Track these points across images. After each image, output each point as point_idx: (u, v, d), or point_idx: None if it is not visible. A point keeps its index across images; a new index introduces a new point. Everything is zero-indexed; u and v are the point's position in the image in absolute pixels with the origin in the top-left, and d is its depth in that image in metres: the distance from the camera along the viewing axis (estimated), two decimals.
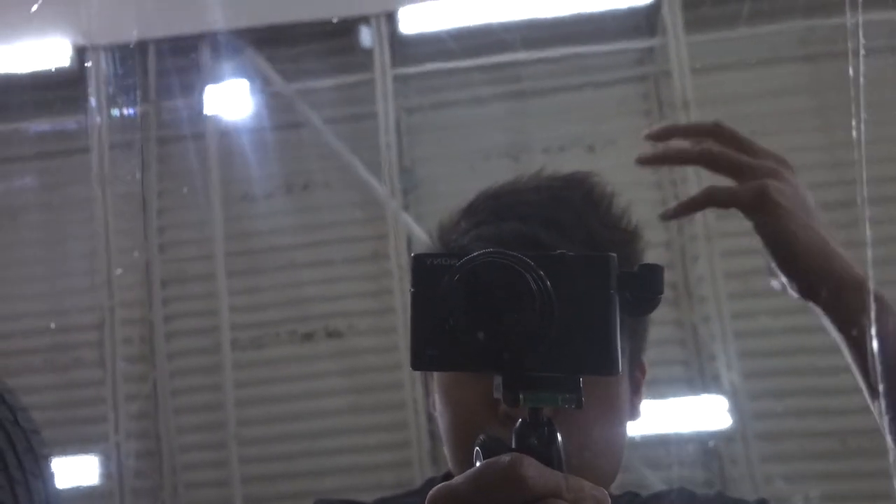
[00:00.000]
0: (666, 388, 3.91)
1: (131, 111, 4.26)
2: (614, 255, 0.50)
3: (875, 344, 0.60)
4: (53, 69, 4.19)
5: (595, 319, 0.49)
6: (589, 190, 0.77)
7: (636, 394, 0.77)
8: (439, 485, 0.49)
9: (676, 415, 3.99)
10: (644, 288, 0.51)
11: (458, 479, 0.48)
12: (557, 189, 0.77)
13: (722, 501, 0.78)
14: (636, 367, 0.76)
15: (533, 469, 0.46)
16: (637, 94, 4.03)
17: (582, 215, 0.75)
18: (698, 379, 4.05)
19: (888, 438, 0.62)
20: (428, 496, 0.48)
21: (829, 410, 3.79)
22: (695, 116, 3.65)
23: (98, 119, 4.24)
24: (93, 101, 4.25)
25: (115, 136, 4.25)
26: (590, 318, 0.49)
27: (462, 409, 0.72)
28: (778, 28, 3.82)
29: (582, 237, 0.73)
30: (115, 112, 4.25)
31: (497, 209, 0.77)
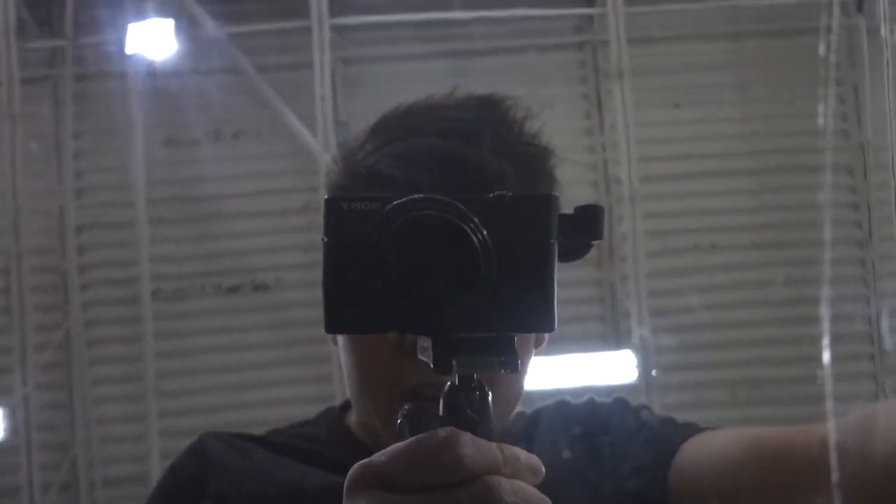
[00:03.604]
0: (581, 343, 4.09)
1: (45, 44, 3.98)
2: (556, 195, 0.46)
3: None
4: None
5: (533, 272, 0.44)
6: (505, 109, 0.74)
7: None
8: (359, 463, 0.43)
9: (589, 369, 4.21)
10: (581, 234, 0.46)
11: (381, 456, 0.42)
12: (474, 107, 0.74)
13: (591, 405, 0.82)
14: None
15: (469, 446, 0.41)
16: (575, 61, 4.14)
17: (499, 131, 0.72)
18: (612, 335, 4.28)
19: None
20: (348, 476, 0.43)
21: (721, 363, 4.10)
22: (629, 86, 3.80)
23: (6, 51, 3.92)
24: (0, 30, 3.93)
25: (26, 70, 3.96)
26: (527, 271, 0.44)
27: (365, 345, 0.69)
28: (710, 5, 4.01)
29: (500, 151, 0.70)
30: (27, 45, 3.95)
31: (410, 124, 0.72)
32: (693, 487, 0.70)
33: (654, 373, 3.97)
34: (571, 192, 0.68)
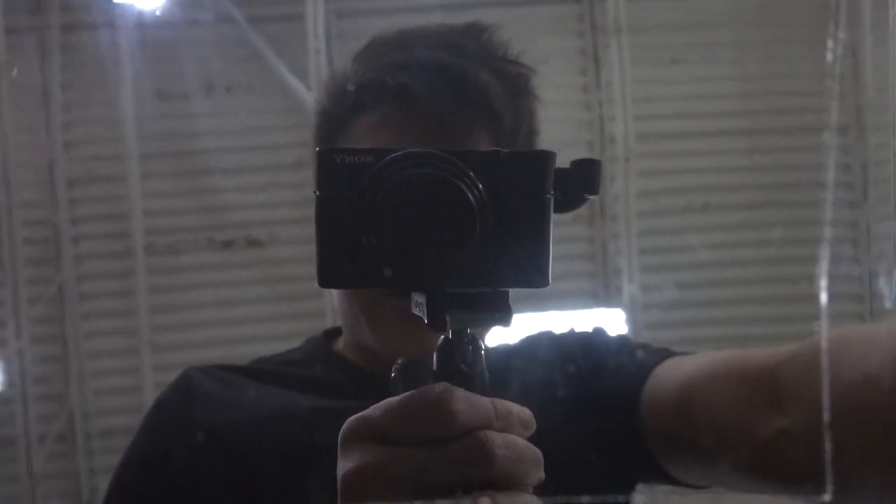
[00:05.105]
0: (570, 300, 4.14)
1: None
2: (553, 151, 0.46)
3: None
4: None
5: (528, 228, 0.44)
6: (490, 33, 0.79)
7: None
8: (354, 416, 0.44)
9: (578, 325, 4.25)
10: (578, 189, 0.47)
11: (375, 410, 0.44)
12: (461, 29, 0.79)
13: (572, 334, 0.89)
14: None
15: (463, 402, 0.42)
16: (573, 15, 4.08)
17: (487, 48, 0.77)
18: (602, 292, 4.32)
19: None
20: (342, 429, 0.44)
21: (709, 321, 4.14)
22: (626, 41, 3.76)
23: None
24: None
25: (11, 19, 3.87)
26: (523, 227, 0.44)
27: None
28: None
29: (488, 66, 0.74)
30: None
31: (400, 41, 0.77)
32: (663, 409, 0.72)
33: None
34: (568, 152, 0.69)
